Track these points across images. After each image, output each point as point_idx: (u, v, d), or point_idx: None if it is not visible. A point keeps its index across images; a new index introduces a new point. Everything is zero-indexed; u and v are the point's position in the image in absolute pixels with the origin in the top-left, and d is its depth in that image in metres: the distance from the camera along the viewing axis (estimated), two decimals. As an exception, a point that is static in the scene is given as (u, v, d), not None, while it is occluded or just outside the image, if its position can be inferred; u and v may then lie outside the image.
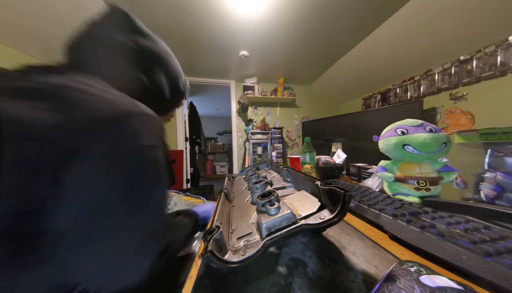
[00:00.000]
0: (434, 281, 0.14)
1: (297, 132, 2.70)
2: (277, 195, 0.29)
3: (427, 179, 0.47)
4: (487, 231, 0.28)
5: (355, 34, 1.56)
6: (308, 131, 1.47)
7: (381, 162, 0.57)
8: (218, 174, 4.30)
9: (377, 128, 0.60)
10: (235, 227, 0.29)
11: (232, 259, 0.20)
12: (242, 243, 0.24)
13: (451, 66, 1.38)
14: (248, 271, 0.24)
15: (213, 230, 0.24)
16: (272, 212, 0.25)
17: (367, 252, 0.26)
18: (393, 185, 0.52)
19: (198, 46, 1.68)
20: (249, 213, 0.32)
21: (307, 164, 0.82)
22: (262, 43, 1.66)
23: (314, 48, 1.77)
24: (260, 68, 2.19)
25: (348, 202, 0.23)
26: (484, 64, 1.21)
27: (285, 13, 1.30)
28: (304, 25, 1.42)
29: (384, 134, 0.56)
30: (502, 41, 1.13)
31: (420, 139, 0.46)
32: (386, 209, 0.38)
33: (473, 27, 1.16)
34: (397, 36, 1.45)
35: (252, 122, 2.37)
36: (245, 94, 2.30)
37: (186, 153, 2.39)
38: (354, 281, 0.21)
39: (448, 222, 0.30)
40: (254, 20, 1.36)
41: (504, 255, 0.22)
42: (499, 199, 0.63)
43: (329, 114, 2.04)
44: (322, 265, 0.24)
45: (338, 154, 0.87)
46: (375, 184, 0.61)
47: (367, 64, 1.87)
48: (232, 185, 0.60)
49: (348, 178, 0.83)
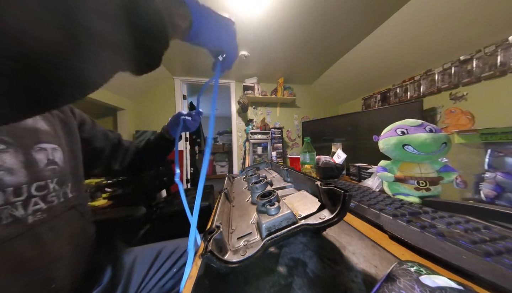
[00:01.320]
0: (434, 281, 0.14)
1: (297, 132, 2.70)
2: (277, 195, 0.29)
3: (427, 179, 0.47)
4: (487, 231, 0.28)
5: (355, 34, 1.56)
6: (308, 131, 1.47)
7: (381, 162, 0.57)
8: (218, 174, 4.30)
9: (377, 128, 0.60)
10: (235, 227, 0.29)
11: (232, 259, 0.20)
12: (242, 243, 0.24)
13: (451, 66, 1.38)
14: (248, 271, 0.24)
15: (213, 230, 0.24)
16: (272, 212, 0.25)
17: (367, 252, 0.26)
18: (393, 185, 0.52)
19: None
20: (249, 213, 0.32)
21: (307, 164, 0.82)
22: (262, 43, 1.66)
23: (314, 48, 1.77)
24: (260, 68, 2.18)
25: (348, 202, 0.23)
26: (484, 64, 1.21)
27: (285, 13, 1.30)
28: (304, 25, 1.42)
29: (384, 134, 0.56)
30: (502, 41, 1.13)
31: (420, 139, 0.46)
32: (386, 209, 0.38)
33: (473, 27, 1.16)
34: (397, 36, 1.45)
35: (252, 122, 2.37)
36: (245, 94, 2.30)
37: (186, 153, 2.40)
38: (354, 281, 0.21)
39: (448, 222, 0.31)
40: (254, 20, 1.36)
41: (504, 255, 0.22)
42: (499, 199, 0.63)
43: (329, 114, 2.04)
44: (322, 265, 0.24)
45: (338, 154, 0.87)
46: (375, 184, 0.61)
47: (367, 64, 1.87)
48: (232, 185, 0.60)
49: (348, 178, 0.83)
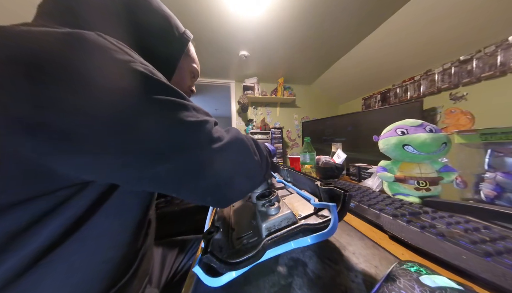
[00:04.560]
0: (434, 281, 0.14)
1: (297, 132, 2.70)
2: (277, 195, 0.29)
3: (427, 179, 0.47)
4: (487, 231, 0.28)
5: (355, 34, 1.56)
6: (308, 131, 1.46)
7: (381, 162, 0.57)
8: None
9: (377, 128, 0.60)
10: (235, 227, 0.29)
11: (232, 259, 0.20)
12: (242, 243, 0.24)
13: (451, 66, 1.38)
14: (248, 271, 0.24)
15: (213, 230, 0.24)
16: (272, 212, 0.25)
17: (367, 252, 0.26)
18: (393, 185, 0.52)
19: (198, 46, 1.68)
20: (249, 213, 0.32)
21: (307, 164, 0.82)
22: (262, 43, 1.66)
23: (314, 48, 1.77)
24: (260, 68, 2.18)
25: (348, 202, 0.23)
26: (484, 64, 1.21)
27: (285, 13, 1.30)
28: (304, 25, 1.42)
29: (384, 134, 0.56)
30: (502, 41, 1.13)
31: (420, 139, 0.46)
32: (386, 209, 0.38)
33: (473, 27, 1.16)
34: (397, 36, 1.45)
35: (252, 122, 2.37)
36: (245, 94, 2.30)
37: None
38: (354, 281, 0.21)
39: (448, 222, 0.31)
40: (254, 20, 1.36)
41: (504, 255, 0.22)
42: (499, 199, 0.63)
43: (329, 114, 2.04)
44: (322, 265, 0.24)
45: (338, 154, 0.87)
46: (375, 184, 0.61)
47: (367, 64, 1.87)
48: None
49: (348, 178, 0.83)
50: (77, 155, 0.16)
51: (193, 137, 0.20)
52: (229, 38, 1.57)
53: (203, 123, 0.21)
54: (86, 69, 0.16)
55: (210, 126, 0.22)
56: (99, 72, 0.16)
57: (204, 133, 0.21)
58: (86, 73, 0.16)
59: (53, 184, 0.18)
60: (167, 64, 0.34)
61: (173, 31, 0.34)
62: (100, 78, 0.16)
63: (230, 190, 0.24)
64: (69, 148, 0.16)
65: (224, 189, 0.23)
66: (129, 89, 0.17)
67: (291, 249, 0.22)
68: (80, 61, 0.16)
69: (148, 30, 0.30)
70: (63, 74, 0.15)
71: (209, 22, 1.36)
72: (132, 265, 0.27)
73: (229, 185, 0.23)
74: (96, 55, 0.17)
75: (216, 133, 0.22)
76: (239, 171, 0.24)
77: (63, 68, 0.15)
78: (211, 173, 0.21)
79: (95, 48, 0.17)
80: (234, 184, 0.24)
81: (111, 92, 0.16)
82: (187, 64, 0.39)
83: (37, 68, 0.15)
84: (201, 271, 0.18)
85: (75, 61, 0.16)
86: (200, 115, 0.22)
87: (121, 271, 0.25)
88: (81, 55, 0.16)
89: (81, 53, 0.16)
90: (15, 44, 0.15)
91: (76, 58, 0.16)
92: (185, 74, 0.40)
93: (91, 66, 0.16)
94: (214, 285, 0.18)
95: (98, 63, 0.16)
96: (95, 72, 0.16)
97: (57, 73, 0.15)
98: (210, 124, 0.22)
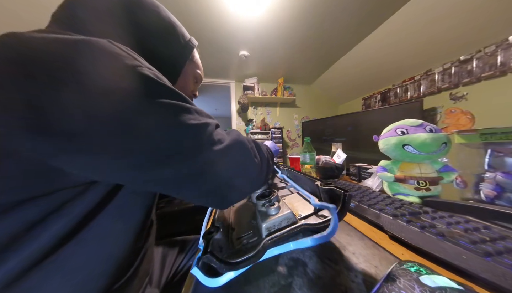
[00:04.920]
0: (434, 281, 0.14)
1: (297, 132, 2.70)
2: (277, 195, 0.29)
3: (427, 179, 0.47)
4: (487, 231, 0.28)
5: (355, 34, 1.55)
6: (308, 131, 1.46)
7: (381, 162, 0.57)
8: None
9: (377, 128, 0.60)
10: (235, 227, 0.29)
11: (232, 259, 0.20)
12: (242, 243, 0.24)
13: (451, 66, 1.38)
14: (248, 271, 0.24)
15: (213, 230, 0.24)
16: (272, 212, 0.25)
17: (367, 252, 0.26)
18: (393, 185, 0.52)
19: (198, 46, 1.68)
20: (249, 213, 0.32)
21: (307, 164, 0.82)
22: (262, 43, 1.66)
23: (314, 48, 1.76)
24: (260, 68, 2.18)
25: (348, 202, 0.23)
26: (484, 64, 1.21)
27: (285, 13, 1.30)
28: (304, 25, 1.42)
29: (384, 134, 0.56)
30: (502, 41, 1.13)
31: (420, 139, 0.46)
32: (386, 209, 0.38)
33: (473, 27, 1.16)
34: (397, 36, 1.45)
35: (252, 122, 2.37)
36: (245, 94, 2.30)
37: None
38: (354, 281, 0.21)
39: (448, 222, 0.31)
40: (254, 20, 1.36)
41: (504, 255, 0.22)
42: (499, 199, 0.63)
43: (329, 114, 2.04)
44: (322, 265, 0.24)
45: (338, 154, 0.87)
46: (375, 184, 0.61)
47: (367, 64, 1.87)
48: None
49: (348, 178, 0.83)
50: (77, 155, 0.16)
51: (194, 139, 0.20)
52: (229, 38, 1.57)
53: (204, 126, 0.22)
54: (96, 73, 0.16)
55: (212, 128, 0.23)
56: (109, 76, 0.17)
57: (205, 135, 0.21)
58: (96, 77, 0.16)
59: (54, 184, 0.18)
60: (173, 69, 0.36)
61: (179, 39, 0.36)
62: (109, 82, 0.16)
63: (230, 191, 0.24)
64: (70, 147, 0.16)
65: (225, 191, 0.23)
66: (134, 92, 0.18)
67: (291, 250, 0.22)
68: (90, 64, 0.16)
69: (156, 37, 0.32)
70: (72, 77, 0.16)
71: (209, 22, 1.36)
72: (133, 264, 0.27)
73: (229, 186, 0.23)
74: (107, 60, 0.17)
75: (217, 136, 0.23)
76: (240, 173, 0.25)
77: (72, 71, 0.16)
78: (212, 174, 0.21)
79: (106, 53, 0.18)
80: (235, 185, 0.24)
81: (118, 95, 0.17)
82: (191, 70, 0.42)
83: (45, 70, 0.15)
84: (199, 272, 0.18)
85: (86, 65, 0.16)
86: (202, 118, 0.22)
87: (122, 270, 0.25)
88: (91, 59, 0.17)
89: (91, 57, 0.17)
90: (26, 49, 0.16)
91: (85, 62, 0.16)
92: (189, 79, 0.42)
93: (101, 70, 0.17)
94: (213, 285, 0.18)
95: (108, 67, 0.17)
96: (105, 76, 0.17)
97: (66, 76, 0.15)
98: (211, 127, 0.23)
